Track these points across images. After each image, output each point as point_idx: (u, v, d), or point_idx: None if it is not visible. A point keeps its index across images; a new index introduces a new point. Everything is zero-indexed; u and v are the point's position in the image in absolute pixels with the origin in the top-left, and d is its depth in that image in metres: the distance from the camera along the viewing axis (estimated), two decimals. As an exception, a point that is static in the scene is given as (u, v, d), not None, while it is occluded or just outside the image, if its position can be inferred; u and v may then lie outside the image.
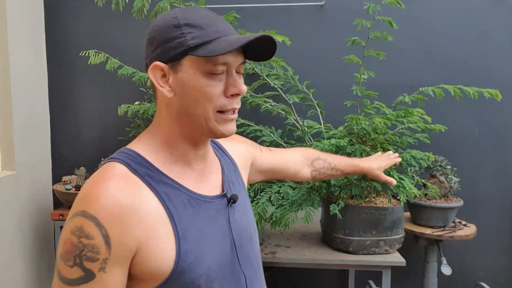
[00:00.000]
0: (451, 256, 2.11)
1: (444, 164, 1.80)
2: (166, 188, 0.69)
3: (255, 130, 1.68)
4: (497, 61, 2.06)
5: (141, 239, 0.64)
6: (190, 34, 0.67)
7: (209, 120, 0.70)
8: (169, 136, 0.74)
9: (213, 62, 0.67)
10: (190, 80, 0.68)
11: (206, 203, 0.74)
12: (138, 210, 0.65)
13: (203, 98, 0.69)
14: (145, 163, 0.70)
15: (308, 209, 1.34)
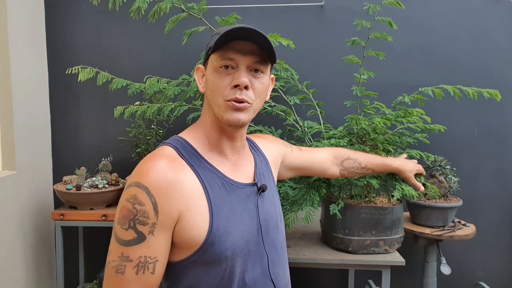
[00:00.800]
0: (450, 256, 2.11)
1: (444, 164, 1.81)
2: (205, 171, 0.82)
3: (255, 130, 1.68)
4: (497, 61, 2.07)
5: (182, 210, 0.76)
6: (213, 39, 0.83)
7: (220, 108, 0.83)
8: (206, 126, 0.88)
9: (221, 57, 0.81)
10: (210, 75, 0.84)
11: (238, 188, 0.86)
12: (180, 185, 0.77)
13: (215, 89, 0.83)
14: (191, 149, 0.84)
15: (308, 209, 1.34)
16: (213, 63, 0.83)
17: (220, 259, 0.79)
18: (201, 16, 1.47)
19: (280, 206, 1.01)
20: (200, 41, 1.87)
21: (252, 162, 0.96)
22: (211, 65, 0.84)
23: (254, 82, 0.84)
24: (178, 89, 1.65)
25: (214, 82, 0.83)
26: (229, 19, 1.40)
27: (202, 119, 0.90)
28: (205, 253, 0.78)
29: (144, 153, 2.02)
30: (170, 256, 0.79)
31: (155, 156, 0.80)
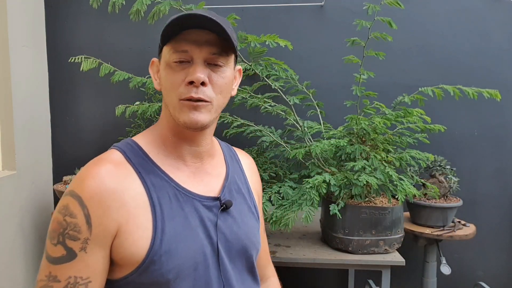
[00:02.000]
0: (450, 256, 2.11)
1: (444, 164, 1.81)
2: (155, 178, 0.71)
3: (255, 130, 1.68)
4: (497, 61, 2.07)
5: (121, 222, 0.66)
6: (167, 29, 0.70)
7: (175, 108, 0.72)
8: (162, 129, 0.77)
9: (173, 50, 0.70)
10: (162, 70, 0.74)
11: (195, 201, 0.74)
12: (121, 194, 0.66)
13: (168, 87, 0.72)
14: (141, 153, 0.73)
15: (308, 209, 1.34)
16: (165, 56, 0.72)
17: (160, 283, 0.67)
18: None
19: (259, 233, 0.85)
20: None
21: (222, 173, 0.83)
22: (163, 59, 0.73)
23: (213, 76, 0.72)
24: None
25: (167, 78, 0.72)
26: (228, 19, 1.40)
27: (159, 121, 0.79)
28: (143, 274, 0.66)
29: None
30: (109, 273, 0.69)
31: (98, 161, 0.70)
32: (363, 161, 1.46)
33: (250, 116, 1.96)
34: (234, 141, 2.01)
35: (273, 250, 1.53)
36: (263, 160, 1.72)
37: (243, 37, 1.40)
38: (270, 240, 1.65)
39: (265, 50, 1.50)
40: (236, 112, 1.82)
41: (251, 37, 1.39)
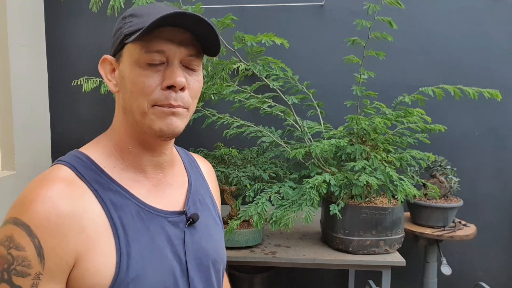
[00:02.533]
0: (451, 256, 2.11)
1: (444, 164, 1.81)
2: (114, 196, 0.63)
3: (255, 130, 1.68)
4: (497, 61, 2.06)
5: (80, 251, 0.57)
6: (129, 23, 0.64)
7: (146, 114, 0.63)
8: (120, 139, 0.68)
9: (146, 49, 0.62)
10: (127, 70, 0.64)
11: (159, 218, 0.66)
12: (79, 218, 0.57)
13: (137, 90, 0.63)
14: (94, 168, 0.64)
15: (308, 209, 1.34)
16: (133, 55, 0.63)
17: None
18: (199, 17, 1.46)
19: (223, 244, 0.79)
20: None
21: (184, 185, 0.76)
22: (129, 57, 0.63)
23: (189, 80, 0.66)
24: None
25: (137, 81, 0.62)
26: (225, 20, 1.40)
27: (114, 129, 0.69)
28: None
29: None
30: None
31: (44, 180, 0.59)
32: (364, 161, 1.46)
33: (250, 117, 1.95)
34: (234, 142, 2.01)
35: (273, 251, 1.53)
36: (263, 160, 1.71)
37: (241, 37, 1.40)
38: (270, 240, 1.65)
39: (263, 50, 1.49)
40: (236, 113, 1.82)
41: (248, 36, 1.38)
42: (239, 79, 1.78)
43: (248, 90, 1.70)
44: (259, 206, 1.37)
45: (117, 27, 0.67)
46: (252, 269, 1.97)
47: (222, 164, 1.64)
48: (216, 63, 1.48)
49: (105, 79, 0.68)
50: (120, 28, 0.66)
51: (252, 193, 1.46)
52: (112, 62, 0.68)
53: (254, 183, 1.50)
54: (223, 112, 1.71)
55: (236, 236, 1.50)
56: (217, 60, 1.47)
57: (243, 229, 1.53)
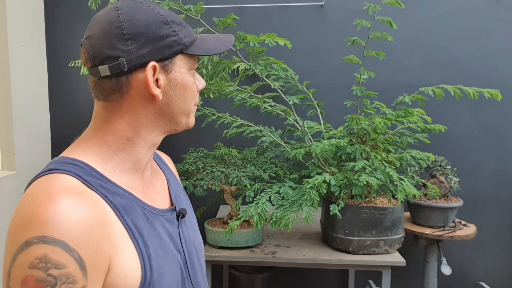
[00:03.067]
0: (451, 256, 2.11)
1: (444, 164, 1.80)
2: (122, 200, 0.62)
3: (255, 130, 1.68)
4: (497, 61, 2.06)
5: (111, 257, 0.57)
6: (181, 32, 0.65)
7: (190, 114, 0.71)
8: (129, 142, 0.66)
9: (196, 60, 0.69)
10: (182, 78, 0.67)
11: (158, 217, 0.68)
12: (103, 225, 0.57)
13: (191, 95, 0.69)
14: (95, 173, 0.61)
15: (308, 209, 1.34)
16: (189, 64, 0.67)
17: None
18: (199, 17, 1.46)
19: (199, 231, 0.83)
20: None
21: (164, 180, 0.78)
22: (185, 66, 0.66)
23: None
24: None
25: (192, 87, 0.68)
26: (226, 19, 1.40)
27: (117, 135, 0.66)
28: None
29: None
30: None
31: (51, 193, 0.55)
32: (364, 161, 1.46)
33: (250, 116, 1.95)
34: (234, 141, 2.01)
35: (273, 251, 1.53)
36: (263, 160, 1.71)
37: (242, 36, 1.40)
38: (270, 240, 1.65)
39: (264, 50, 1.49)
40: (236, 112, 1.82)
41: (250, 36, 1.38)
42: (240, 79, 1.78)
43: (248, 90, 1.70)
44: (259, 206, 1.37)
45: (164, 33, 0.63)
46: (252, 269, 1.97)
47: (222, 164, 1.64)
48: (217, 63, 1.48)
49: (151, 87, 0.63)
50: (170, 36, 0.64)
51: (252, 193, 1.46)
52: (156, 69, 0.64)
53: (254, 183, 1.50)
54: (222, 111, 1.71)
55: (236, 236, 1.50)
56: (217, 59, 1.47)
57: (243, 229, 1.53)
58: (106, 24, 0.62)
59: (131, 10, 0.63)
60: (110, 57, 0.61)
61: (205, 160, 1.65)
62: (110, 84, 0.63)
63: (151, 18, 0.63)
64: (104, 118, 0.65)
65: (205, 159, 1.67)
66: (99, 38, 0.62)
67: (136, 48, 0.62)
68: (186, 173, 1.59)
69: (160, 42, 0.63)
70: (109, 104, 0.65)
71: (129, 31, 0.61)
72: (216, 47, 0.69)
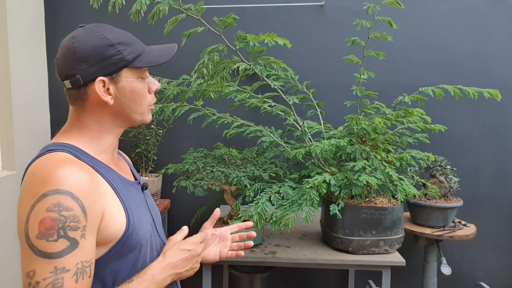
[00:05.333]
0: (450, 256, 2.11)
1: (444, 164, 1.81)
2: (105, 170, 0.83)
3: (255, 130, 1.68)
4: (497, 61, 2.06)
5: (104, 207, 0.77)
6: (125, 51, 0.83)
7: (143, 114, 0.89)
8: (98, 133, 0.86)
9: (143, 69, 0.86)
10: (130, 86, 0.85)
11: (131, 185, 0.90)
12: (97, 184, 0.77)
13: (141, 98, 0.87)
14: (83, 152, 0.82)
15: (308, 209, 1.34)
16: (137, 74, 0.85)
17: (135, 248, 0.82)
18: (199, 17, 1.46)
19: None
20: (200, 40, 1.86)
21: (124, 161, 1.00)
22: (132, 76, 0.85)
23: None
24: (178, 89, 1.65)
25: (141, 92, 0.87)
26: (227, 19, 1.40)
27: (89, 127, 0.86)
28: (125, 244, 0.80)
29: (144, 153, 2.02)
30: None
31: (57, 161, 0.76)
32: (363, 161, 1.46)
33: (250, 117, 1.95)
34: (234, 141, 2.01)
35: (273, 251, 1.53)
36: (263, 160, 1.71)
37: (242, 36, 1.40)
38: (270, 240, 1.65)
39: (264, 49, 1.49)
40: (236, 113, 1.82)
41: (250, 36, 1.38)
42: (240, 78, 1.78)
43: (248, 90, 1.70)
44: (259, 206, 1.37)
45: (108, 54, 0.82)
46: (252, 269, 1.97)
47: (222, 164, 1.64)
48: (217, 62, 1.48)
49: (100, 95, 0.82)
50: (114, 55, 0.82)
51: (252, 193, 1.46)
52: (105, 82, 0.83)
53: (254, 183, 1.50)
54: (223, 112, 1.71)
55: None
56: (218, 59, 1.47)
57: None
58: (65, 50, 0.82)
59: (83, 37, 0.82)
60: (70, 75, 0.83)
61: (205, 160, 1.65)
62: (74, 93, 0.85)
63: (98, 42, 0.81)
64: (76, 117, 0.86)
65: (205, 159, 1.67)
66: (62, 60, 0.83)
67: (87, 67, 0.81)
68: (186, 173, 1.59)
69: (106, 61, 0.82)
70: (77, 107, 0.86)
71: (81, 55, 0.81)
72: (158, 58, 0.86)
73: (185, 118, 1.77)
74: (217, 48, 1.41)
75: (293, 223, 1.34)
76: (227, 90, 1.59)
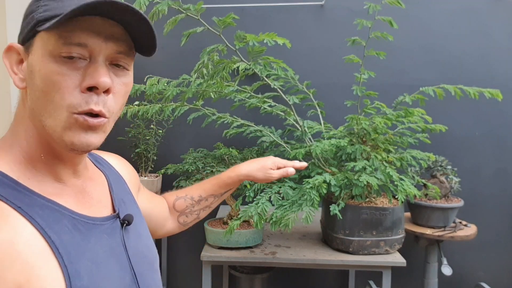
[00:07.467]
0: (451, 257, 2.10)
1: (445, 164, 1.80)
2: (43, 211, 0.52)
3: (255, 130, 1.68)
4: (498, 61, 2.06)
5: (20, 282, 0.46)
6: (44, 7, 0.53)
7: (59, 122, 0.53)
8: (28, 145, 0.56)
9: (64, 40, 0.51)
10: (38, 64, 0.53)
11: (96, 227, 0.59)
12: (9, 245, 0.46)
13: (50, 91, 0.52)
14: (8, 181, 0.52)
15: (308, 209, 1.33)
16: (47, 46, 0.52)
17: None
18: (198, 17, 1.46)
19: (150, 236, 0.74)
20: (200, 40, 1.86)
21: (104, 184, 0.69)
22: (42, 48, 0.52)
23: (116, 82, 0.57)
24: (178, 89, 1.65)
25: (51, 79, 0.52)
26: (226, 19, 1.40)
27: (18, 132, 0.57)
28: None
29: (144, 153, 2.02)
30: None
31: None
32: (364, 161, 1.45)
33: (250, 117, 1.95)
34: (234, 141, 2.01)
35: (273, 251, 1.52)
36: (263, 160, 1.71)
37: (242, 36, 1.40)
38: (270, 240, 1.64)
39: (264, 49, 1.49)
40: (235, 113, 1.82)
41: (249, 36, 1.38)
42: (240, 78, 1.77)
43: (248, 90, 1.69)
44: (259, 206, 1.36)
45: (29, 10, 0.55)
46: (252, 269, 1.96)
47: (222, 164, 1.63)
48: (217, 62, 1.47)
49: (9, 71, 0.56)
50: (32, 12, 0.54)
51: (252, 193, 1.45)
52: (20, 52, 0.56)
53: (254, 183, 1.50)
54: (223, 112, 1.71)
55: (236, 237, 1.50)
56: (217, 59, 1.47)
57: (243, 229, 1.53)
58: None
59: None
60: None
61: (205, 160, 1.65)
62: None
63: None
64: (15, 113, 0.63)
65: (205, 159, 1.67)
66: None
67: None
68: (186, 173, 1.58)
69: (25, 21, 0.56)
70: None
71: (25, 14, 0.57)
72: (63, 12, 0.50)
73: (184, 118, 1.77)
74: (216, 48, 1.41)
75: (293, 223, 1.33)
76: (227, 90, 1.59)
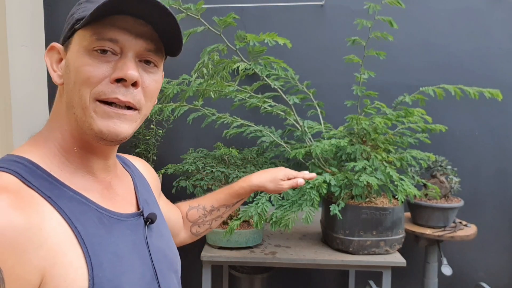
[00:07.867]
0: (451, 257, 2.10)
1: (445, 164, 1.80)
2: (71, 202, 0.55)
3: (255, 130, 1.67)
4: (498, 61, 2.06)
5: (44, 267, 0.49)
6: (83, 8, 0.59)
7: (86, 110, 0.56)
8: (63, 138, 0.61)
9: (97, 36, 0.56)
10: (73, 58, 0.58)
11: (120, 222, 0.61)
12: (37, 230, 0.49)
13: (81, 81, 0.56)
14: (41, 172, 0.56)
15: (308, 209, 1.33)
16: (82, 42, 0.57)
17: None
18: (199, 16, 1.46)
19: (173, 239, 0.76)
20: (200, 40, 1.86)
21: (130, 184, 0.72)
22: (78, 44, 0.57)
23: (145, 78, 0.60)
24: (178, 88, 1.65)
25: (83, 70, 0.56)
26: (227, 19, 1.40)
27: (54, 127, 0.63)
28: None
29: (144, 153, 2.01)
30: None
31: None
32: (364, 161, 1.45)
33: (250, 117, 1.95)
34: (234, 141, 2.01)
35: (273, 251, 1.52)
36: (263, 160, 1.71)
37: (242, 36, 1.40)
38: (270, 240, 1.64)
39: (265, 49, 1.49)
40: (236, 112, 1.82)
41: (250, 36, 1.38)
42: (240, 78, 1.77)
43: (248, 89, 1.69)
44: (259, 207, 1.36)
45: (71, 13, 0.61)
46: (252, 269, 1.96)
47: (222, 164, 1.63)
48: (217, 62, 1.47)
49: (49, 68, 0.61)
50: (73, 14, 0.60)
51: (252, 193, 1.45)
52: (60, 51, 0.62)
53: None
54: (222, 111, 1.71)
55: (236, 237, 1.50)
56: (218, 58, 1.47)
57: (243, 229, 1.53)
58: None
59: None
60: None
61: (205, 160, 1.65)
62: None
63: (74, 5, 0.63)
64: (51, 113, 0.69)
65: (205, 159, 1.66)
66: None
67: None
68: (185, 173, 1.58)
69: (66, 23, 0.63)
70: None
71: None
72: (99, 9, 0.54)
73: (184, 118, 1.77)
74: (217, 48, 1.40)
75: (293, 223, 1.33)
76: (227, 90, 1.59)
